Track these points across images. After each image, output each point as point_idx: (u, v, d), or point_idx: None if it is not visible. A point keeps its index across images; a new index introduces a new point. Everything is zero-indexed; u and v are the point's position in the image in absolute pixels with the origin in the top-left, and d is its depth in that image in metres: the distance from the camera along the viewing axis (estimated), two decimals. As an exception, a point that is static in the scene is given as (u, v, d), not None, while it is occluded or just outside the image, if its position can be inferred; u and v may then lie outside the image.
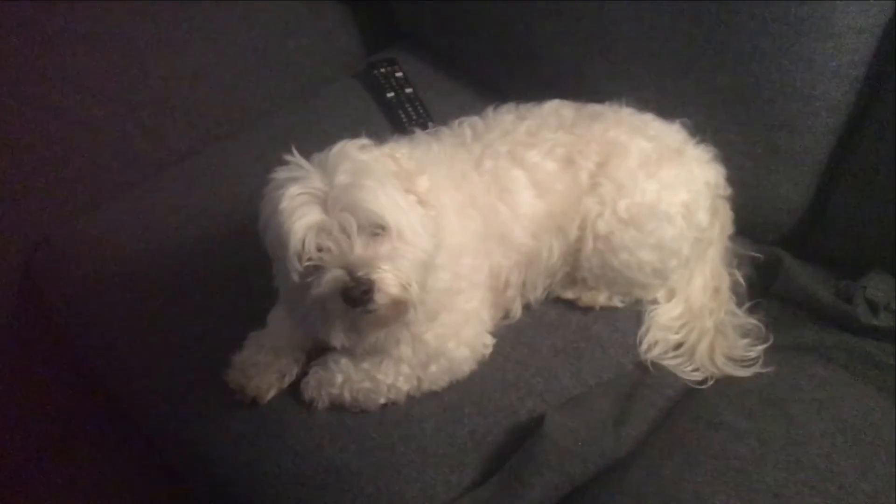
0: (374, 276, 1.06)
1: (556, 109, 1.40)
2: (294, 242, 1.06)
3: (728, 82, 1.39)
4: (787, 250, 1.46)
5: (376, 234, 1.08)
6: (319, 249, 1.07)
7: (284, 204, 1.07)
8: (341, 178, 1.08)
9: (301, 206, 1.06)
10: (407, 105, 1.73)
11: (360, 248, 1.07)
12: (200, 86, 1.77)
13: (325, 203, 1.07)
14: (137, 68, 1.70)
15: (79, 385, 1.81)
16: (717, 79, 1.40)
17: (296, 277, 1.08)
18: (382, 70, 1.82)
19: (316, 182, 1.08)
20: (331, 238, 1.07)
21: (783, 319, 1.37)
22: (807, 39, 1.29)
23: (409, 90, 1.77)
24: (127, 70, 1.69)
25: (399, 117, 1.71)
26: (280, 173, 1.12)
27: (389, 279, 1.07)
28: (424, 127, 1.65)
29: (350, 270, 1.06)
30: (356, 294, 1.05)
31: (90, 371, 1.58)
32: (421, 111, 1.72)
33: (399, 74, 1.81)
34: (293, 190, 1.07)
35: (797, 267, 1.39)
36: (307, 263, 1.07)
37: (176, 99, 1.75)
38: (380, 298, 1.07)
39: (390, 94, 1.76)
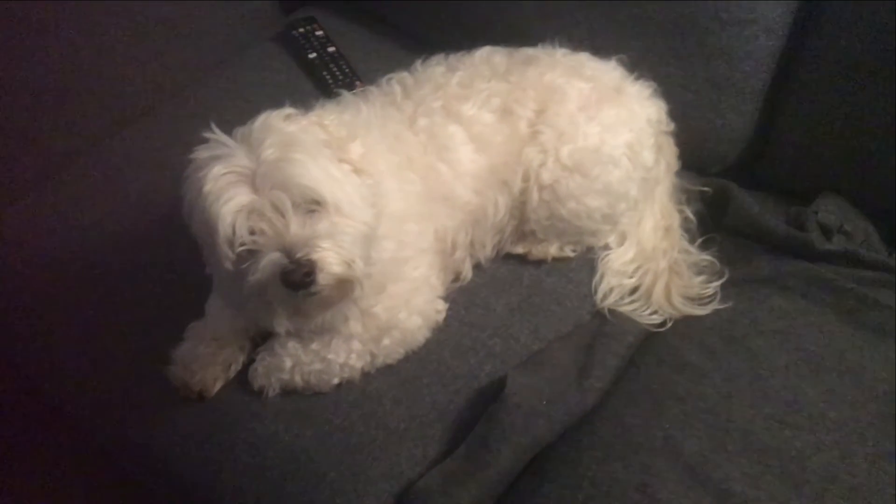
0: (315, 256, 0.99)
1: (488, 57, 1.33)
2: (223, 228, 0.98)
3: (662, 13, 1.35)
4: (735, 181, 1.43)
5: (312, 211, 1.01)
6: (252, 232, 1.00)
7: (209, 186, 0.99)
8: (268, 152, 1.00)
9: (227, 188, 0.99)
10: (331, 65, 1.64)
11: (296, 227, 0.99)
12: (107, 64, 1.64)
13: (253, 182, 0.99)
14: (38, 51, 1.57)
15: (22, 388, 1.71)
16: (650, 10, 1.35)
17: (229, 265, 1.00)
18: (301, 30, 1.72)
19: (241, 159, 1.00)
20: (263, 219, 0.99)
21: (736, 253, 1.35)
22: (737, -40, 1.25)
23: (331, 49, 1.67)
24: (25, 53, 1.56)
25: (324, 79, 1.62)
26: (201, 153, 1.04)
27: (331, 258, 1.00)
28: (352, 87, 1.58)
29: (288, 252, 0.98)
30: (297, 277, 0.98)
31: (27, 377, 1.48)
32: (347, 70, 1.63)
33: (320, 33, 1.71)
34: (217, 170, 0.99)
35: (746, 197, 1.37)
36: (240, 249, 1.00)
37: (83, 81, 1.63)
38: (323, 279, 1.00)
39: (312, 55, 1.66)
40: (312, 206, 1.01)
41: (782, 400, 1.15)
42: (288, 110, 1.08)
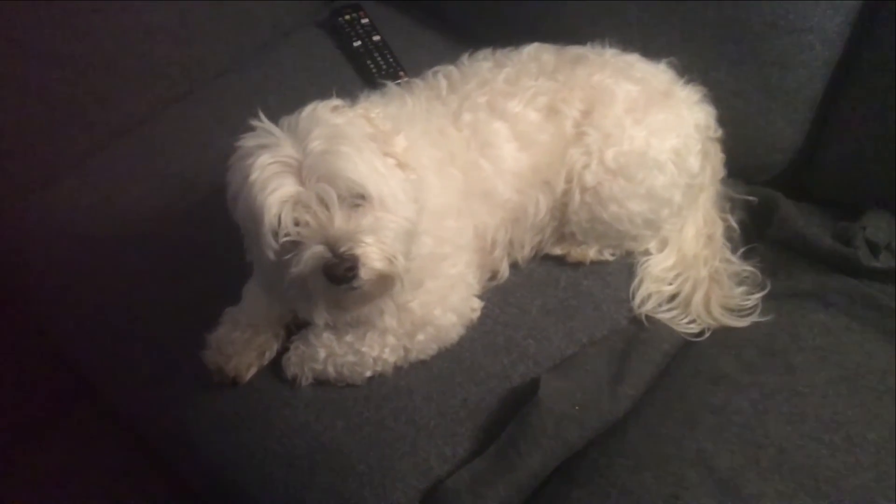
0: (358, 251, 0.98)
1: (536, 54, 1.32)
2: (268, 218, 0.98)
3: (716, 18, 1.32)
4: (781, 191, 1.41)
5: (356, 205, 1.00)
6: (296, 224, 0.99)
7: (255, 175, 0.98)
8: (315, 144, 0.99)
9: (273, 177, 0.98)
10: (375, 54, 1.63)
11: (340, 220, 0.99)
12: (153, 44, 1.64)
13: (299, 173, 0.99)
14: (83, 28, 1.58)
15: (57, 366, 1.73)
16: (704, 15, 1.33)
17: (272, 255, 1.00)
18: (347, 17, 1.71)
19: (288, 149, 1.00)
20: (308, 211, 0.99)
21: (780, 265, 1.32)
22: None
23: (376, 38, 1.67)
24: (72, 30, 1.57)
25: (368, 68, 1.61)
26: (248, 140, 1.04)
27: (374, 253, 0.99)
28: (395, 77, 1.57)
29: (331, 246, 0.98)
30: (339, 271, 0.98)
31: (63, 356, 1.50)
32: (391, 60, 1.62)
33: (365, 21, 1.70)
34: (264, 159, 0.99)
35: (793, 209, 1.34)
36: (284, 239, 0.99)
37: (128, 60, 1.63)
38: (365, 274, 1.00)
39: (357, 43, 1.66)
40: (357, 199, 1.00)
41: (820, 418, 1.13)
42: (335, 101, 1.07)
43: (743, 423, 1.13)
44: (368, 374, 1.20)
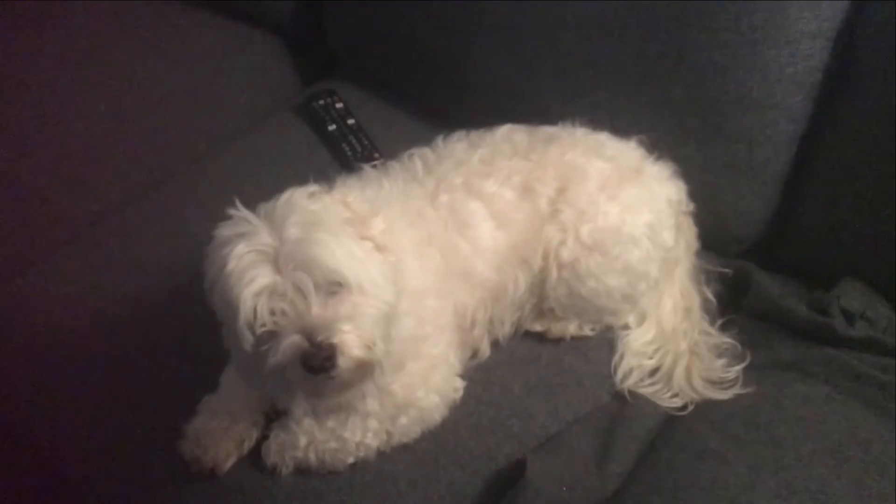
0: (336, 340, 0.97)
1: (509, 135, 1.34)
2: (244, 311, 0.97)
3: (683, 96, 1.35)
4: (755, 262, 1.43)
5: (334, 293, 1.00)
6: (273, 313, 0.98)
7: (231, 265, 0.98)
8: (292, 231, 0.99)
9: (249, 268, 0.98)
10: (350, 137, 1.65)
11: (317, 308, 0.98)
12: (128, 131, 1.67)
13: (275, 261, 0.98)
14: (58, 116, 1.59)
15: (28, 461, 1.67)
16: (671, 93, 1.36)
17: (248, 347, 0.99)
18: (322, 102, 1.74)
19: (264, 238, 1.00)
20: (285, 300, 0.98)
21: (758, 336, 1.33)
22: (761, 48, 1.26)
23: (351, 121, 1.69)
24: (45, 119, 1.58)
25: (343, 151, 1.63)
26: (224, 229, 1.03)
27: (352, 341, 0.99)
28: (371, 159, 1.59)
29: (309, 335, 0.97)
30: (317, 361, 0.97)
31: (33, 451, 1.45)
32: (366, 143, 1.65)
33: (339, 105, 1.73)
34: (240, 249, 0.98)
35: (767, 280, 1.36)
36: (261, 330, 0.98)
37: (102, 147, 1.64)
38: (343, 363, 0.98)
39: (332, 127, 1.68)
40: (334, 287, 1.00)
41: (808, 491, 1.11)
42: (312, 188, 1.08)
43: (732, 499, 1.11)
44: (351, 460, 1.17)
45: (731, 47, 1.28)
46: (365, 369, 1.03)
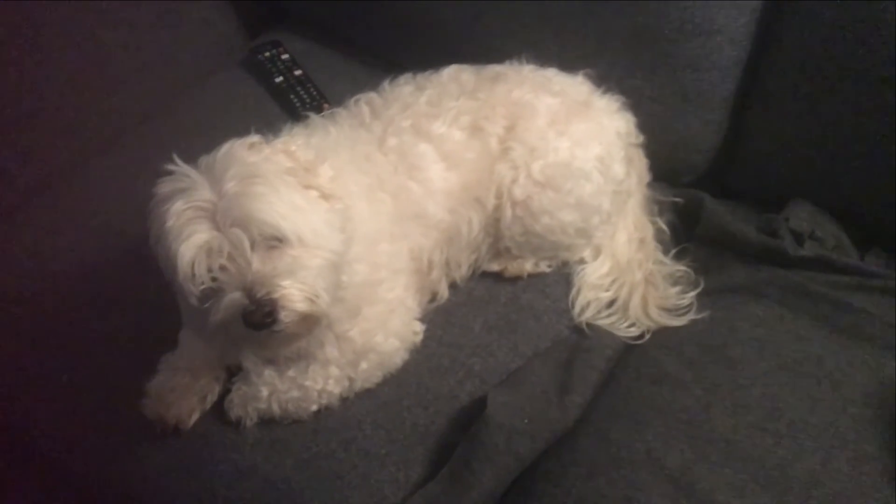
0: (276, 295, 0.97)
1: (456, 75, 1.33)
2: (183, 267, 0.96)
3: (627, 27, 1.35)
4: (707, 190, 1.44)
5: (274, 247, 0.99)
6: (211, 270, 0.97)
7: (170, 222, 0.97)
8: (230, 186, 0.98)
9: (187, 225, 0.96)
10: (298, 88, 1.63)
11: (257, 264, 0.97)
12: (72, 94, 1.62)
13: (214, 217, 0.97)
14: (-1, 83, 1.55)
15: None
16: (615, 25, 1.36)
17: (194, 301, 0.98)
18: (267, 54, 1.70)
19: (204, 193, 0.98)
20: (224, 256, 0.97)
21: (711, 262, 1.35)
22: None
23: (298, 72, 1.66)
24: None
25: (292, 102, 1.61)
26: (164, 186, 1.02)
27: (294, 295, 0.98)
28: (320, 109, 1.57)
29: (249, 291, 0.96)
30: (258, 318, 0.96)
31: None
32: (314, 93, 1.62)
33: (286, 56, 1.70)
34: (178, 206, 0.97)
35: (718, 207, 1.37)
36: (202, 287, 0.98)
37: (47, 112, 1.60)
38: (286, 317, 0.98)
39: (279, 79, 1.65)
40: (274, 241, 0.99)
41: (763, 408, 1.15)
42: (252, 138, 1.06)
43: (689, 420, 1.14)
44: (314, 408, 1.18)
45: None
46: (310, 321, 1.03)
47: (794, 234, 1.30)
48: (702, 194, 1.40)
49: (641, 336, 1.29)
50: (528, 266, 1.33)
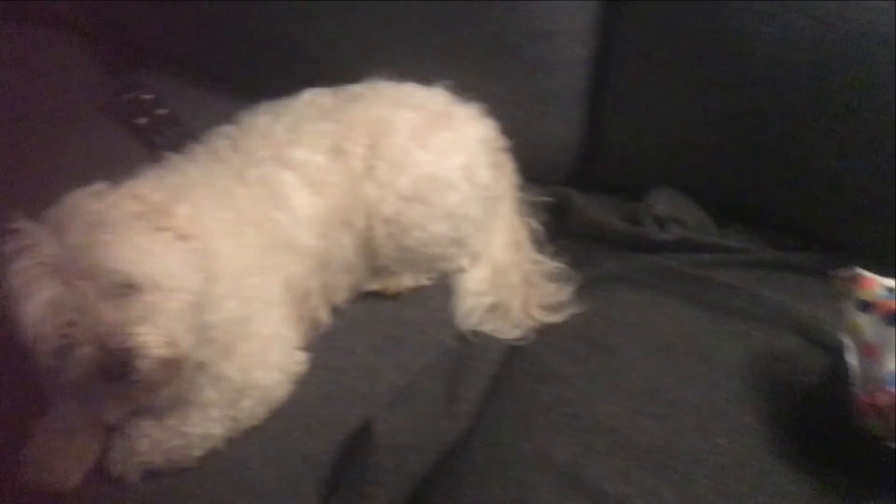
0: (130, 344, 0.94)
1: (312, 100, 1.33)
2: (30, 326, 0.93)
3: (475, 35, 1.37)
4: (577, 186, 1.48)
5: (125, 294, 0.96)
6: (61, 326, 0.94)
7: (14, 283, 0.93)
8: (74, 237, 0.95)
9: (32, 282, 0.93)
10: (162, 128, 1.59)
11: (109, 314, 0.94)
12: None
13: (60, 271, 0.94)
14: None
15: None
16: (463, 33, 1.38)
17: (48, 361, 0.95)
18: (129, 96, 1.66)
19: (48, 248, 0.95)
20: (73, 311, 0.94)
21: (585, 255, 1.38)
22: (535, -25, 1.29)
23: (161, 111, 1.62)
24: None
25: (156, 143, 1.57)
26: (7, 246, 0.98)
27: (150, 342, 0.95)
28: (185, 147, 1.54)
29: (101, 343, 0.93)
30: (114, 369, 0.93)
31: None
32: (179, 132, 1.59)
33: (148, 97, 1.66)
34: (22, 264, 0.94)
35: (585, 201, 1.41)
36: (54, 345, 0.94)
37: None
38: (144, 365, 0.95)
39: (142, 120, 1.61)
40: (124, 289, 0.96)
41: (643, 392, 1.18)
42: (98, 186, 1.04)
43: (574, 413, 1.16)
44: (199, 453, 1.14)
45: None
46: (173, 367, 1.00)
47: (658, 220, 1.34)
48: (569, 191, 1.43)
49: (525, 336, 1.30)
50: (408, 281, 1.34)
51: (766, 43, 1.17)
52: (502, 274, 1.36)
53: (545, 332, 1.30)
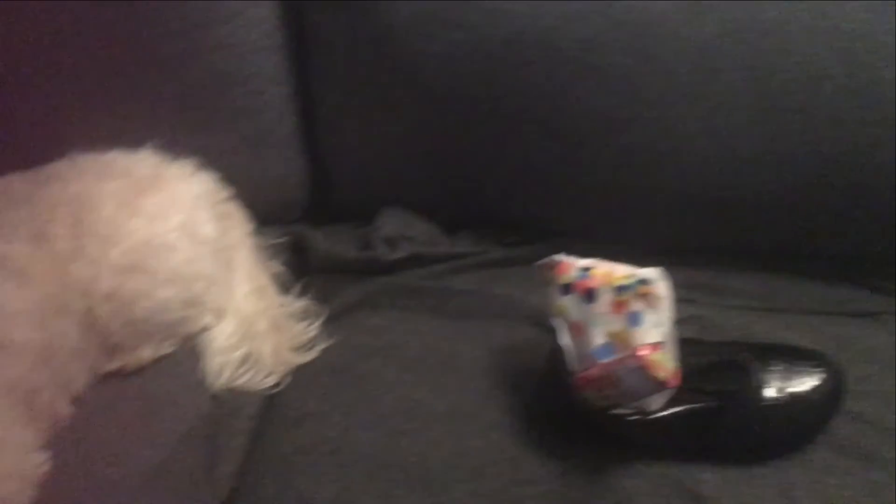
0: None
1: (5, 188, 1.25)
2: None
3: (173, 91, 1.34)
4: (315, 220, 1.49)
5: None
6: None
7: None
8: None
9: None
10: None
11: None
12: None
13: None
14: None
15: None
16: (162, 89, 1.34)
17: None
18: None
19: None
20: None
21: (328, 288, 1.38)
22: (215, 26, 1.27)
23: None
24: None
25: None
26: None
27: None
28: None
29: None
30: None
31: None
32: None
33: None
34: None
35: (318, 235, 1.42)
36: None
37: None
38: None
39: None
40: None
41: (397, 412, 1.19)
42: None
43: (332, 451, 1.15)
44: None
45: (182, 28, 1.28)
46: None
47: (388, 241, 1.37)
48: (302, 227, 1.44)
49: (280, 382, 1.29)
50: (147, 353, 1.28)
51: (435, 59, 1.22)
52: (249, 324, 1.33)
53: (299, 373, 1.29)
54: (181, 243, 1.26)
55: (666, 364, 0.97)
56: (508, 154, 1.29)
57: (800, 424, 1.12)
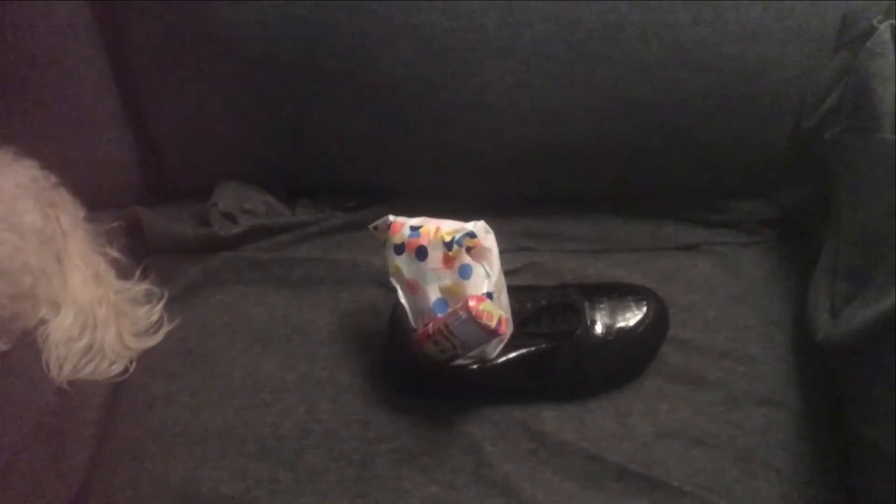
0: None
1: None
2: None
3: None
4: (154, 199, 1.45)
5: None
6: None
7: None
8: None
9: None
10: None
11: None
12: None
13: None
14: None
15: None
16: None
17: None
18: None
19: None
20: None
21: (171, 269, 1.35)
22: (17, 5, 1.21)
23: None
24: None
25: None
26: None
27: None
28: None
29: None
30: None
31: None
32: None
33: None
34: None
35: (153, 215, 1.38)
36: None
37: None
38: None
39: None
40: None
41: (246, 387, 1.19)
42: None
43: (183, 431, 1.16)
44: None
45: None
46: None
47: (227, 215, 1.36)
48: (137, 208, 1.40)
49: (127, 370, 1.26)
50: (-25, 354, 1.23)
51: (245, 25, 1.20)
52: (88, 313, 1.29)
53: (145, 358, 1.27)
54: (4, 236, 1.20)
55: (493, 312, 1.01)
56: (332, 118, 1.28)
57: (630, 356, 1.21)
